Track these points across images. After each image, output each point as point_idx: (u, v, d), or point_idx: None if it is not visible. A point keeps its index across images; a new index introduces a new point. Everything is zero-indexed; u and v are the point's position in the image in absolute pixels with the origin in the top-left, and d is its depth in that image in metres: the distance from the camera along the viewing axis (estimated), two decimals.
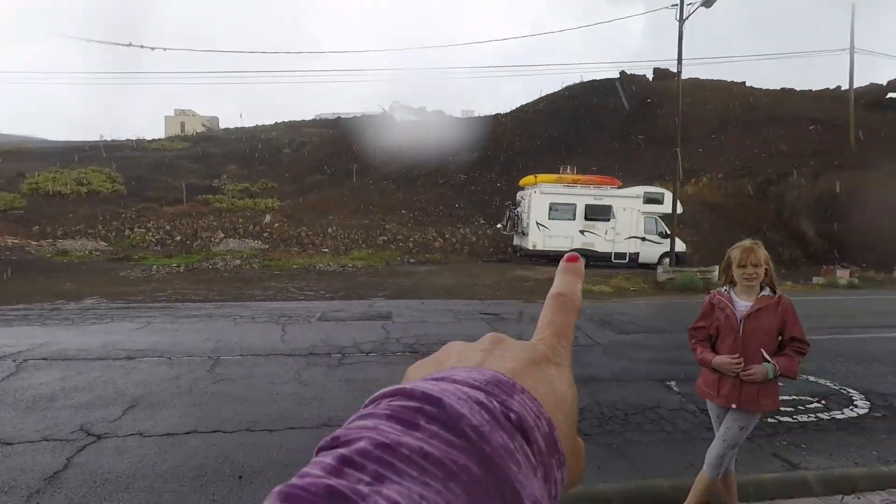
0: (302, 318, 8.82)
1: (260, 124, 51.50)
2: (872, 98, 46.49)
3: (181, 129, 54.36)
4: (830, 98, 43.81)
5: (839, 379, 5.96)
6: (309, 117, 59.64)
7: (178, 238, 19.93)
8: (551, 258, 18.58)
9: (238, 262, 17.23)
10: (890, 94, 47.42)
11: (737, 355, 2.60)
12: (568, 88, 44.86)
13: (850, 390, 5.57)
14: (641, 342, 7.81)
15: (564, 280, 0.42)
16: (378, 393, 0.30)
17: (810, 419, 4.75)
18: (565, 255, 0.44)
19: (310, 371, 5.88)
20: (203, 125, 56.51)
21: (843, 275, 17.10)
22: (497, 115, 46.08)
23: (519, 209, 19.65)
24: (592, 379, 5.81)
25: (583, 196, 18.80)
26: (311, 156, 41.02)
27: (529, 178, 19.69)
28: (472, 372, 0.30)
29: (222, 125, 60.49)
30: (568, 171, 20.02)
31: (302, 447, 3.98)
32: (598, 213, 18.73)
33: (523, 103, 44.77)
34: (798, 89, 48.32)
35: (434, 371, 0.32)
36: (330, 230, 21.62)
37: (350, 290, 12.40)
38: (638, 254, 19.03)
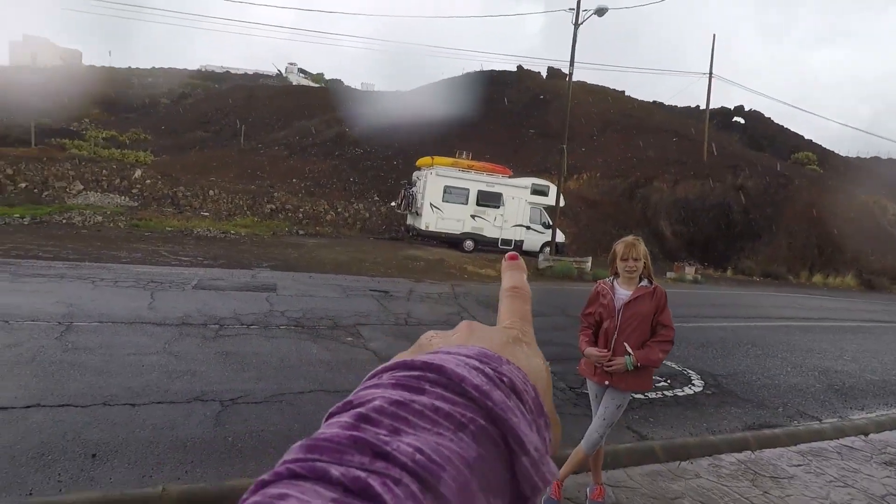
0: (175, 285, 8.08)
1: (133, 67, 45.71)
2: (723, 119, 53.46)
3: (32, 60, 46.28)
4: (690, 115, 49.57)
5: (682, 361, 6.87)
6: (193, 67, 54.22)
7: (23, 185, 17.08)
8: (443, 240, 18.96)
9: (100, 218, 15.24)
10: (736, 118, 54.88)
11: (605, 350, 2.89)
12: (468, 75, 45.67)
13: (690, 371, 6.45)
14: None
15: (513, 275, 0.47)
16: (377, 368, 0.31)
17: (658, 396, 5.42)
18: (507, 255, 0.49)
19: (182, 342, 5.42)
20: (61, 59, 48.64)
21: (689, 271, 19.62)
22: (397, 92, 45.57)
23: (414, 189, 19.67)
24: None
25: (476, 182, 19.32)
26: (192, 109, 37.35)
27: (426, 160, 19.77)
28: (460, 348, 0.33)
29: (86, 62, 52.64)
30: (464, 155, 20.42)
31: (170, 423, 3.68)
32: (488, 200, 19.40)
33: (423, 84, 44.77)
34: (666, 104, 53.97)
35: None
36: (211, 193, 19.94)
37: (232, 258, 11.60)
38: (522, 241, 20.10)
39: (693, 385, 5.92)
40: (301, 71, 63.53)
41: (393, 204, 21.37)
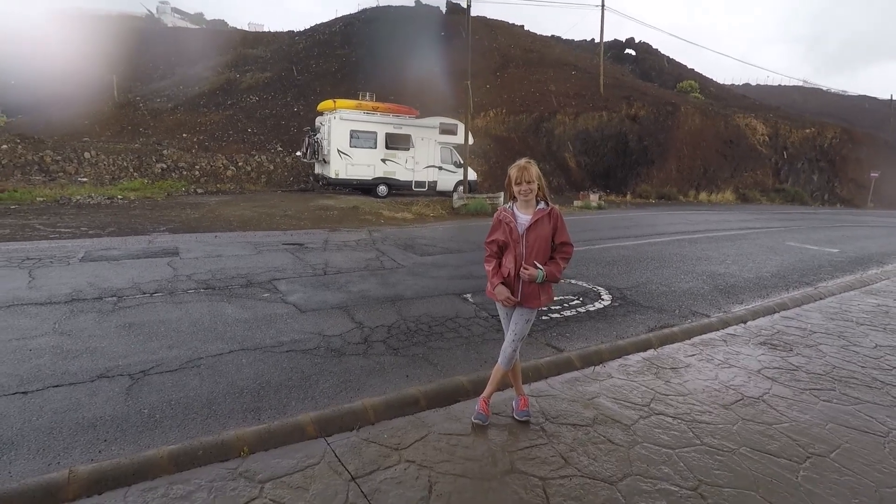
0: (58, 260, 7.25)
1: None
2: (616, 51, 55.38)
3: None
4: (586, 48, 50.82)
5: (591, 279, 7.36)
6: (38, 7, 46.49)
7: None
8: (355, 186, 18.47)
9: None
10: (627, 50, 57.05)
11: (513, 298, 3.03)
12: (364, 11, 43.22)
13: (599, 288, 6.94)
14: (441, 262, 8.44)
15: None
16: None
17: (572, 313, 5.79)
18: None
19: (75, 320, 4.93)
20: None
21: (594, 199, 20.76)
22: (290, 32, 42.31)
23: (318, 136, 18.77)
24: (399, 298, 6.11)
25: (383, 124, 18.78)
26: (48, 59, 32.32)
27: (328, 103, 18.81)
28: None
29: None
30: (367, 97, 19.64)
31: (73, 405, 3.38)
32: (398, 143, 19.01)
33: (318, 23, 41.86)
34: (564, 38, 54.75)
35: None
36: (87, 155, 17.77)
37: (123, 224, 10.56)
38: (436, 182, 20.10)
39: (602, 300, 6.39)
40: (176, 11, 56.82)
41: (298, 153, 20.32)
